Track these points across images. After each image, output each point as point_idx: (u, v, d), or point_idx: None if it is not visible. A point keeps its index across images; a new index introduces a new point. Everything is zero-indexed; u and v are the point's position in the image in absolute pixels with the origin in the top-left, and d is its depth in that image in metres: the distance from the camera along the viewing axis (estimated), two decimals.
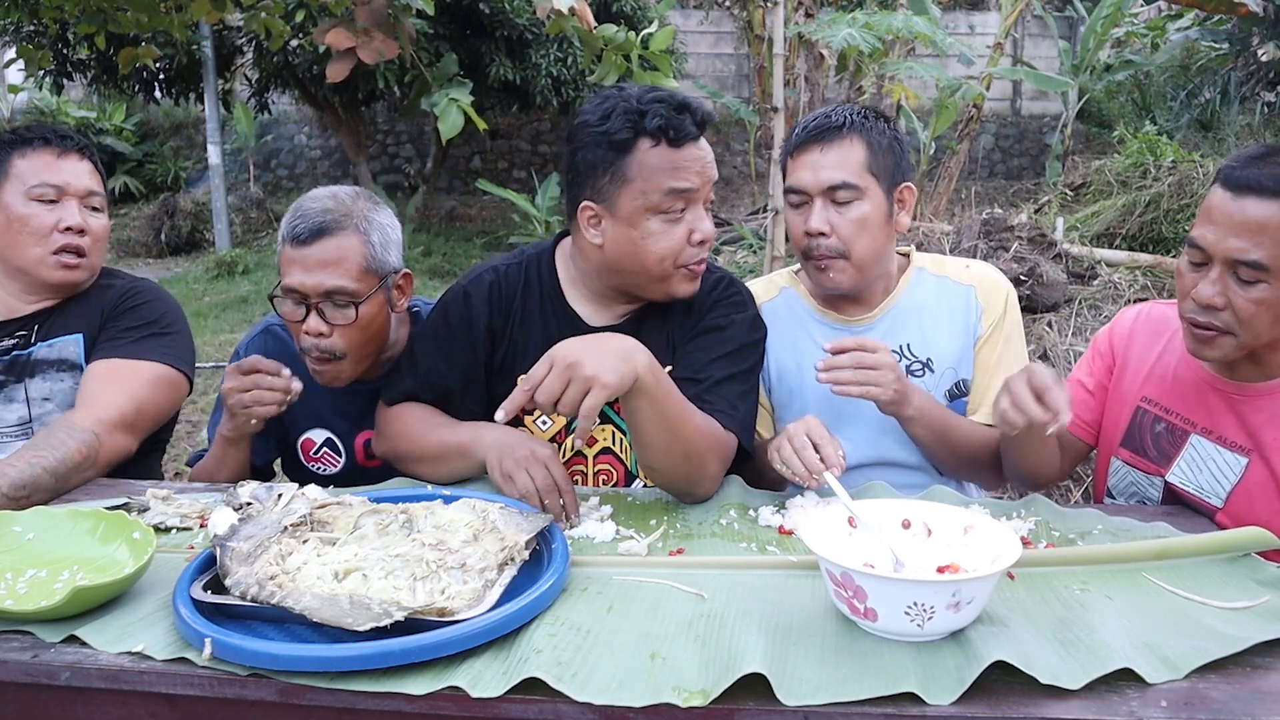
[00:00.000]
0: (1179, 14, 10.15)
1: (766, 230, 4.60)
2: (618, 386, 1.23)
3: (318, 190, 1.72)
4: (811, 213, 1.69)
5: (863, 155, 1.67)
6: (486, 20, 8.51)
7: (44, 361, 1.85)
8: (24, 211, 1.82)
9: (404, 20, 2.65)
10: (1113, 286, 4.27)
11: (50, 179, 1.84)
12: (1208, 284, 1.39)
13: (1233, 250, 1.35)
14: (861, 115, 1.70)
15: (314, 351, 1.67)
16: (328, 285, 1.62)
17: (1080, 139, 10.90)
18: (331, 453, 1.87)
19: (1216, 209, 1.37)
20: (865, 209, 1.67)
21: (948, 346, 1.76)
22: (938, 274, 1.81)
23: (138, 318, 1.87)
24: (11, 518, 1.32)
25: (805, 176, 1.69)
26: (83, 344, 1.86)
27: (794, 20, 7.03)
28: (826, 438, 1.42)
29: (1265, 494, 1.47)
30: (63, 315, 1.89)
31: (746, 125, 10.02)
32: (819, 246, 1.69)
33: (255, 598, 1.09)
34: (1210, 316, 1.40)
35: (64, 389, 1.84)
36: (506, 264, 1.70)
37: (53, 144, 1.86)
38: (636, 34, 2.74)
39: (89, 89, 11.10)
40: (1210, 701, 0.94)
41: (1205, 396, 1.54)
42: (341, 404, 1.84)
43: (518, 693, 0.97)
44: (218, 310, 7.62)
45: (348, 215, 1.65)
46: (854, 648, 1.04)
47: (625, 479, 1.67)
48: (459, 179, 12.60)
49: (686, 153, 1.51)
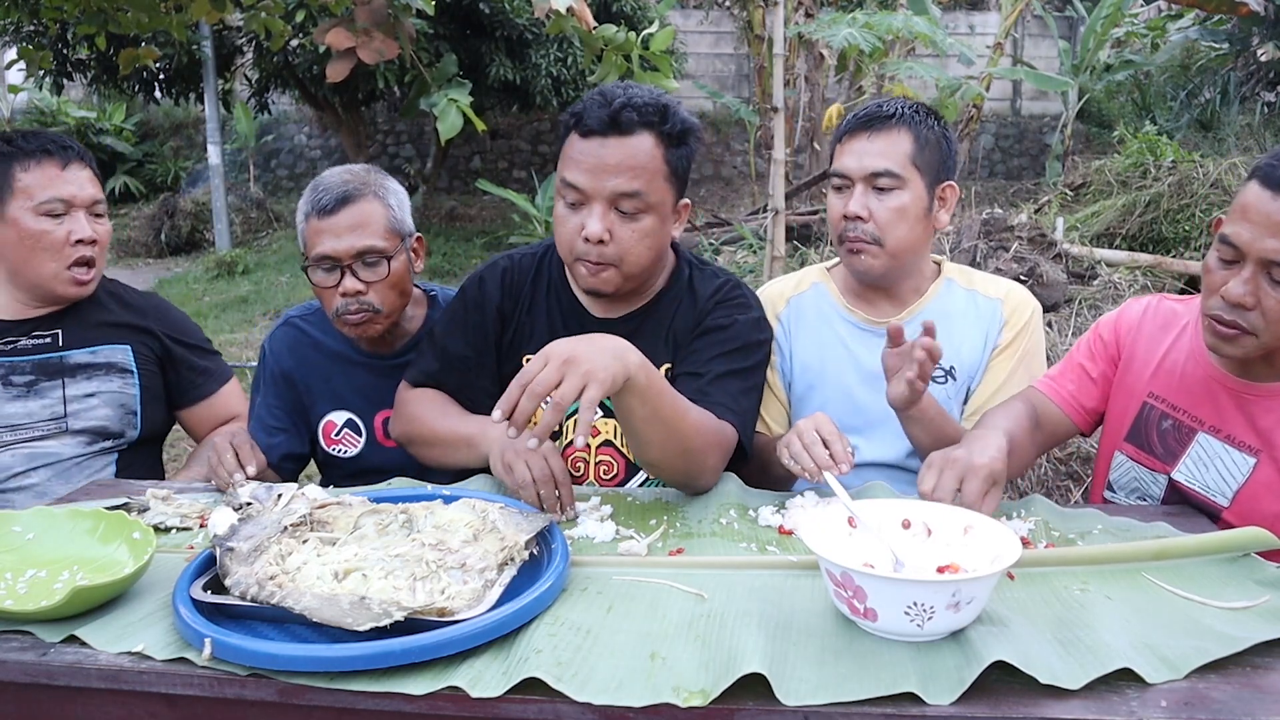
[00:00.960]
0: (1179, 14, 10.15)
1: (766, 230, 4.59)
2: (611, 382, 1.24)
3: (331, 169, 1.84)
4: (852, 197, 1.71)
5: (909, 146, 1.69)
6: (486, 20, 8.50)
7: (89, 365, 1.93)
8: (36, 228, 1.84)
9: (404, 20, 2.64)
10: (1113, 286, 4.27)
11: (58, 193, 1.85)
12: (1239, 283, 1.35)
13: (1269, 251, 1.31)
14: (913, 109, 1.72)
15: (353, 308, 1.77)
16: (359, 246, 1.74)
17: (1080, 139, 10.90)
18: (352, 433, 1.92)
19: (1253, 207, 1.32)
20: (905, 199, 1.69)
21: (969, 357, 1.76)
22: (967, 287, 1.81)
23: (198, 339, 2.08)
24: (11, 518, 1.32)
25: (850, 161, 1.71)
26: (131, 352, 1.96)
27: (794, 20, 7.04)
28: (836, 434, 1.43)
29: (1272, 494, 1.46)
30: (93, 324, 1.95)
31: (746, 125, 10.02)
32: (855, 230, 1.71)
33: (255, 598, 1.09)
34: (1237, 315, 1.37)
35: (114, 388, 1.93)
36: (522, 254, 1.78)
37: (55, 155, 1.87)
38: (636, 34, 2.74)
39: (89, 89, 11.09)
40: (1210, 701, 0.94)
41: (1215, 394, 1.53)
42: (360, 383, 1.91)
43: (517, 693, 0.97)
44: (218, 310, 7.62)
45: (366, 184, 1.78)
46: (854, 648, 1.04)
47: (626, 470, 1.68)
48: (459, 179, 12.60)
49: (586, 145, 1.52)
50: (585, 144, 1.52)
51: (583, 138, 1.53)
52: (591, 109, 1.52)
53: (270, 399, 1.90)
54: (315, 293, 1.83)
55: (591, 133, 1.52)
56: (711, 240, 6.86)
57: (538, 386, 1.22)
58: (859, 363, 1.77)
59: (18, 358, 1.88)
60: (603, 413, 1.66)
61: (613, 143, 1.51)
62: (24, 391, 1.86)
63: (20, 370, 1.88)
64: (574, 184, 1.53)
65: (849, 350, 1.78)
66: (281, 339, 1.93)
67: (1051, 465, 3.31)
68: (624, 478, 1.68)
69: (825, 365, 1.79)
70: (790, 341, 1.84)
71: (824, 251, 5.52)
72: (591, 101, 1.54)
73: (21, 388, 1.87)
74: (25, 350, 1.89)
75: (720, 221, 7.59)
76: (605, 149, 1.51)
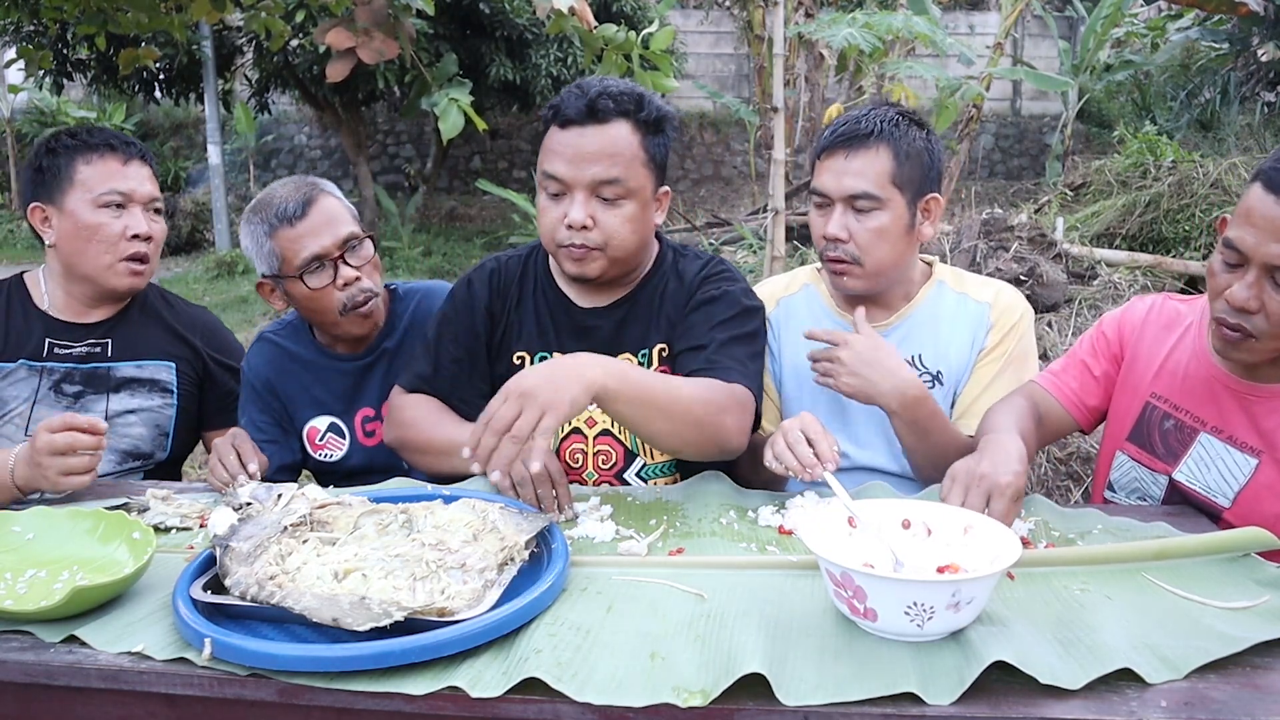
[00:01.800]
0: (1179, 14, 10.14)
1: (766, 230, 4.59)
2: (570, 406, 1.26)
3: (269, 186, 1.86)
4: (831, 218, 1.69)
5: (888, 165, 1.65)
6: (486, 20, 8.51)
7: (134, 380, 1.93)
8: (93, 220, 1.85)
9: (404, 20, 2.64)
10: (1113, 286, 4.28)
11: (118, 186, 1.86)
12: (1243, 287, 1.35)
13: (1273, 256, 1.30)
14: (893, 123, 1.66)
15: (360, 297, 1.81)
16: (342, 234, 1.79)
17: (1080, 139, 10.90)
18: (336, 437, 1.94)
19: (1257, 211, 1.32)
20: (884, 219, 1.66)
21: (957, 360, 1.75)
22: (958, 290, 1.80)
23: (238, 360, 2.04)
24: (11, 518, 1.32)
25: (828, 181, 1.69)
26: (175, 371, 1.97)
27: (794, 20, 7.04)
28: (821, 433, 1.41)
29: (1274, 495, 1.46)
30: (143, 335, 1.96)
31: (746, 125, 10.02)
32: (835, 250, 1.69)
33: (255, 598, 1.09)
34: (1241, 319, 1.37)
35: (152, 407, 1.94)
36: (509, 255, 1.81)
37: (118, 150, 1.88)
38: (637, 34, 2.74)
39: (89, 89, 11.09)
40: (1210, 701, 0.94)
41: (1217, 395, 1.53)
42: (337, 386, 1.93)
43: (517, 693, 0.97)
44: (217, 310, 7.56)
45: (313, 185, 1.83)
46: (854, 648, 1.04)
47: (624, 458, 1.70)
48: (459, 179, 12.61)
49: (565, 136, 1.56)
50: (564, 134, 1.56)
51: (561, 129, 1.57)
52: (569, 100, 1.56)
53: (255, 414, 1.92)
54: (307, 302, 1.81)
55: (570, 123, 1.56)
56: (711, 240, 6.87)
57: (497, 423, 1.24)
58: None
59: (71, 365, 1.89)
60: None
61: (590, 131, 1.55)
62: (71, 403, 1.87)
63: (72, 379, 1.89)
64: (554, 174, 1.57)
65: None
66: (259, 354, 1.95)
67: (1051, 465, 3.31)
68: (623, 465, 1.70)
69: None
70: (780, 344, 1.84)
71: None
72: (569, 94, 1.57)
73: (70, 398, 1.88)
74: (80, 358, 1.90)
75: (720, 221, 7.60)
76: (584, 138, 1.55)
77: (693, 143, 12.72)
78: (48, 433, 1.50)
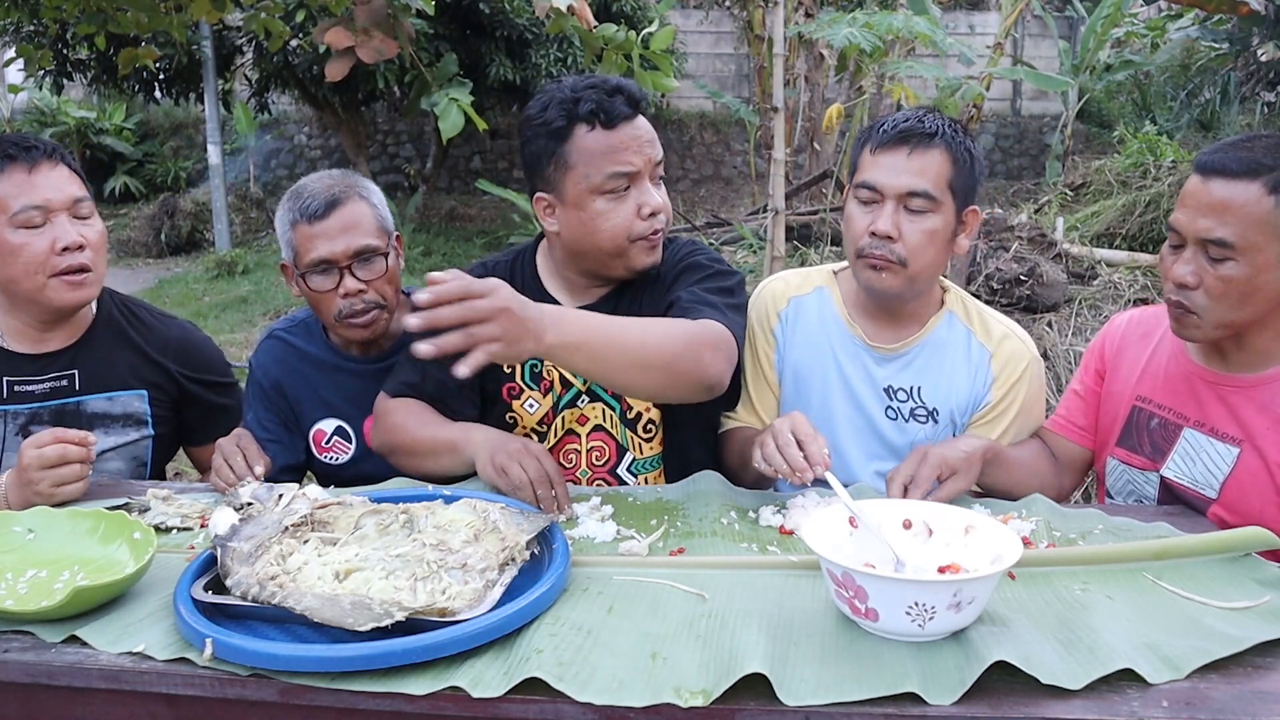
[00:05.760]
0: (1179, 14, 10.14)
1: (766, 230, 4.59)
2: (516, 357, 1.26)
3: (309, 176, 1.84)
4: (881, 214, 1.63)
5: (947, 169, 1.61)
6: (486, 20, 8.50)
7: (107, 416, 1.82)
8: (14, 241, 1.68)
9: (403, 20, 2.65)
10: (1113, 286, 4.27)
11: (31, 200, 1.68)
12: (1181, 263, 1.46)
13: (1201, 229, 1.42)
14: (952, 128, 1.64)
15: (359, 307, 1.78)
16: (356, 246, 1.76)
17: (1080, 139, 10.89)
18: (342, 440, 1.92)
19: (1189, 193, 1.45)
20: (936, 222, 1.62)
21: (956, 403, 1.72)
22: (966, 324, 1.76)
23: (218, 373, 1.99)
24: (12, 518, 1.32)
25: (882, 176, 1.63)
26: (148, 399, 1.87)
27: (794, 20, 7.04)
28: (811, 434, 1.40)
29: (1258, 484, 1.49)
30: (110, 364, 1.83)
31: (746, 125, 10.01)
32: (880, 248, 1.63)
33: (256, 598, 1.09)
34: (1183, 295, 1.46)
35: (128, 441, 1.85)
36: (495, 260, 1.83)
37: (19, 159, 1.68)
38: (637, 34, 2.75)
39: (89, 89, 11.08)
40: (1211, 701, 0.94)
41: (1196, 389, 1.57)
42: (348, 389, 1.91)
43: (518, 693, 0.97)
44: (218, 310, 7.62)
45: (349, 186, 1.80)
46: (855, 648, 1.04)
47: (617, 454, 1.72)
48: (459, 179, 12.60)
49: (622, 133, 1.58)
50: (608, 134, 1.58)
51: (607, 129, 1.59)
52: (597, 100, 1.59)
53: (261, 413, 1.91)
54: (310, 300, 1.82)
55: (617, 120, 1.59)
56: (711, 240, 6.86)
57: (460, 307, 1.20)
58: (847, 381, 1.74)
59: (36, 404, 1.77)
60: (589, 398, 1.71)
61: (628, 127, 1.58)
62: None
63: (40, 419, 1.77)
64: (624, 171, 1.58)
65: (839, 367, 1.75)
66: (268, 352, 1.93)
67: None
68: (615, 461, 1.72)
69: (814, 375, 1.76)
70: (787, 341, 1.82)
71: (824, 252, 5.52)
72: (589, 92, 1.58)
73: None
74: (44, 395, 1.77)
75: (720, 221, 7.59)
76: (629, 131, 1.58)
77: (692, 143, 12.72)
78: (35, 449, 1.46)
